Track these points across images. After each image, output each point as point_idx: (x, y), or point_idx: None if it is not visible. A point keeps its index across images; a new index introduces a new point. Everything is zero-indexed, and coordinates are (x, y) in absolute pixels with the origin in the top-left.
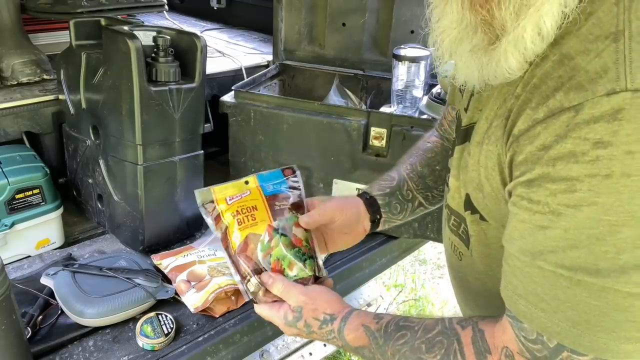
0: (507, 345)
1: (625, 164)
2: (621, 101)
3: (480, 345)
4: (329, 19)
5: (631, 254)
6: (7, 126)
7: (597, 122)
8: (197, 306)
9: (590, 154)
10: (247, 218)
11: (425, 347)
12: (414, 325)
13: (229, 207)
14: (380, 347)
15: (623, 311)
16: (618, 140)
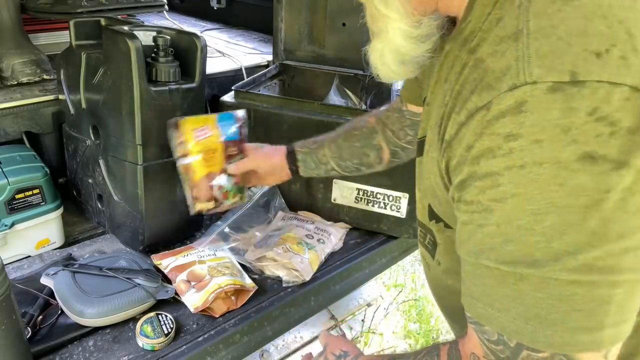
0: (473, 351)
1: (535, 153)
2: (522, 94)
3: (453, 354)
4: (329, 19)
5: (560, 241)
6: (7, 126)
7: (505, 116)
8: (197, 306)
9: (504, 147)
10: (210, 158)
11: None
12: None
13: (197, 145)
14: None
15: (567, 300)
16: (525, 131)
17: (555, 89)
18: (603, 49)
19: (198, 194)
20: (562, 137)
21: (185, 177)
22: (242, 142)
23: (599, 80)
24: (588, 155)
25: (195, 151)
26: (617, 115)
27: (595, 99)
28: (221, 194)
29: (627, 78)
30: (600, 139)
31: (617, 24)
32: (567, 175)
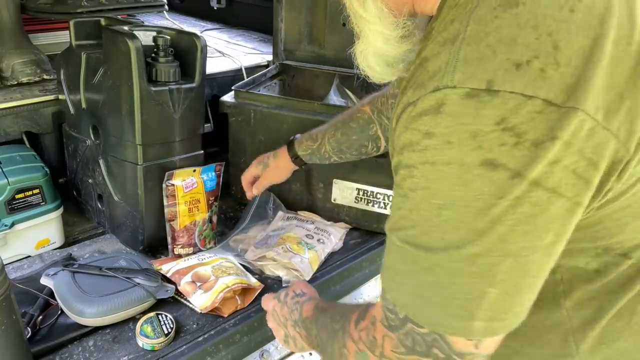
0: (374, 314)
1: (445, 153)
2: (443, 97)
3: (361, 314)
4: (329, 19)
5: (452, 235)
6: (7, 126)
7: (426, 115)
8: (205, 307)
9: (422, 143)
10: (194, 208)
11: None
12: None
13: (184, 195)
14: (316, 320)
15: (448, 288)
16: (439, 131)
17: (472, 95)
18: (524, 60)
19: (181, 240)
20: (469, 142)
21: (171, 223)
22: (217, 192)
23: (512, 91)
24: (490, 162)
25: (183, 201)
26: (523, 127)
27: (505, 109)
28: (200, 241)
29: (542, 91)
30: (503, 148)
31: (545, 35)
32: (469, 178)
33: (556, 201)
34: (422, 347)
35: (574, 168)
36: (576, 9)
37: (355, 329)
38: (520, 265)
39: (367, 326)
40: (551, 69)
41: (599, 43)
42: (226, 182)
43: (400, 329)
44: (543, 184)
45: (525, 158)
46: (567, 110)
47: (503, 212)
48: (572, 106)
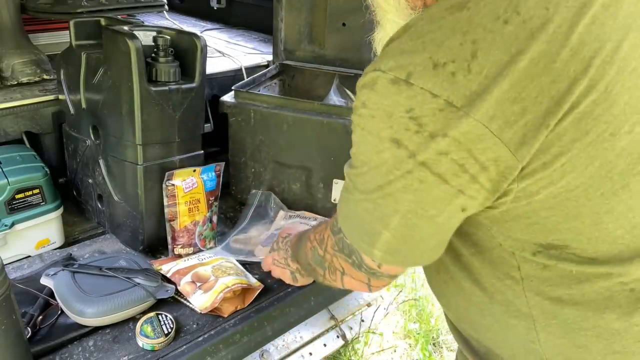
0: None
1: (369, 124)
2: (375, 77)
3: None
4: (329, 19)
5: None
6: (7, 126)
7: (365, 88)
8: (205, 307)
9: (359, 110)
10: (194, 208)
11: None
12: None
13: (184, 195)
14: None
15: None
16: (370, 105)
17: (394, 82)
18: (442, 61)
19: (181, 240)
20: (386, 120)
21: (171, 223)
22: (217, 192)
23: (423, 87)
24: (396, 140)
25: (183, 201)
26: (425, 120)
27: (415, 101)
28: (200, 241)
29: (446, 92)
30: (407, 132)
31: (469, 43)
32: (381, 148)
33: (440, 185)
34: (347, 251)
35: (461, 163)
36: (510, 21)
37: (313, 232)
38: (406, 223)
39: (321, 229)
40: (461, 75)
41: (517, 58)
42: (226, 182)
43: (337, 234)
44: (431, 167)
45: (421, 145)
46: (463, 114)
47: (398, 179)
48: (467, 112)
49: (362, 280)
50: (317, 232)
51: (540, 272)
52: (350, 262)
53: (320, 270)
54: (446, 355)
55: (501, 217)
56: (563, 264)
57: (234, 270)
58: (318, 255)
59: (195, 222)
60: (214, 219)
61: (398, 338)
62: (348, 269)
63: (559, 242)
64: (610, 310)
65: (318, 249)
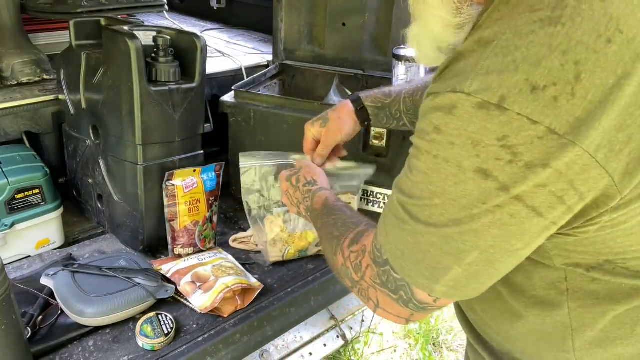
0: (366, 244)
1: (447, 152)
2: (457, 100)
3: (357, 237)
4: (329, 19)
5: (437, 218)
6: (7, 126)
7: (440, 111)
8: (205, 307)
9: (431, 135)
10: (194, 208)
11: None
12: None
13: (185, 196)
14: (323, 215)
15: (422, 253)
16: (447, 131)
17: (482, 106)
18: (542, 84)
19: (181, 240)
20: (469, 149)
21: (171, 223)
22: (217, 192)
23: (519, 113)
24: (483, 171)
25: (183, 201)
26: (521, 149)
27: (509, 128)
28: (200, 241)
29: (547, 119)
30: (498, 162)
31: (572, 63)
32: (462, 179)
33: (533, 218)
34: (393, 286)
35: (560, 195)
36: (614, 40)
37: (347, 248)
38: (486, 259)
39: (357, 251)
40: (564, 99)
41: (623, 82)
42: (226, 182)
43: (381, 266)
44: (525, 201)
45: (515, 176)
46: (566, 143)
47: (483, 214)
48: (572, 140)
49: (401, 315)
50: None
51: (588, 284)
52: (394, 298)
53: (348, 282)
54: (446, 355)
55: (572, 242)
56: (616, 278)
57: (234, 270)
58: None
59: (195, 222)
60: (214, 219)
61: (398, 338)
62: (387, 304)
63: (617, 259)
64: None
65: (352, 273)
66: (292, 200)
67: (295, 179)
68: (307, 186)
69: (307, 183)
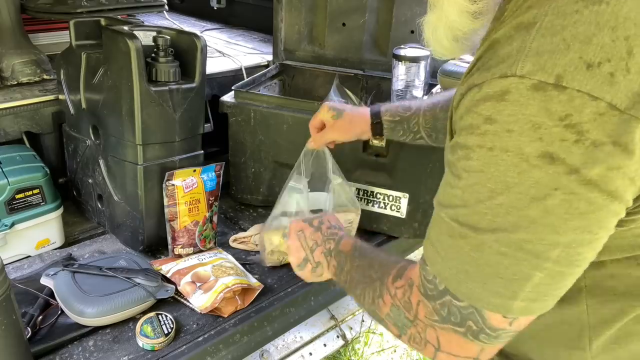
0: (412, 277)
1: (504, 141)
2: (509, 84)
3: (400, 271)
4: (329, 19)
5: (503, 219)
6: (7, 126)
7: (489, 100)
8: (205, 307)
9: (482, 128)
10: (194, 208)
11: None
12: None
13: (185, 196)
14: (353, 258)
15: (493, 266)
16: (501, 118)
17: (538, 87)
18: (596, 61)
19: (181, 240)
20: (530, 133)
21: (171, 223)
22: (217, 192)
23: (579, 90)
24: (549, 154)
25: (183, 201)
26: (586, 127)
27: (571, 106)
28: (200, 241)
29: (608, 95)
30: (564, 143)
31: (622, 39)
32: (526, 167)
33: (611, 203)
34: (457, 319)
35: (632, 176)
36: None
37: (392, 284)
38: (568, 255)
39: (403, 286)
40: (620, 75)
41: None
42: (226, 182)
43: (437, 299)
44: (601, 186)
45: (584, 156)
46: (629, 118)
47: (558, 204)
48: (634, 115)
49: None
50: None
51: (607, 280)
52: (461, 332)
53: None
54: None
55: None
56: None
57: (234, 270)
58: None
59: (195, 222)
60: (214, 219)
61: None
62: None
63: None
64: None
65: (404, 313)
66: (305, 242)
67: (318, 222)
68: (331, 229)
69: (332, 226)
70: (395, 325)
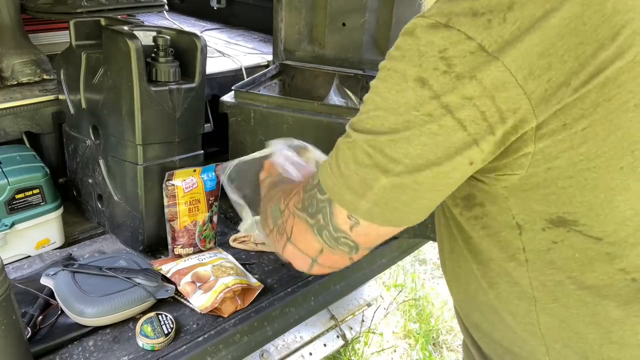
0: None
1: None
2: (418, 22)
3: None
4: (329, 19)
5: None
6: (7, 126)
7: (403, 35)
8: (205, 307)
9: (392, 53)
10: (194, 208)
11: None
12: None
13: (185, 196)
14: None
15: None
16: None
17: (434, 26)
18: (481, 11)
19: (181, 240)
20: (415, 59)
21: (171, 223)
22: (217, 192)
23: (459, 29)
24: (422, 79)
25: (183, 201)
26: (455, 61)
27: (449, 41)
28: (200, 241)
29: (480, 36)
30: (435, 72)
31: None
32: (404, 87)
33: (458, 131)
34: (313, 210)
35: (483, 110)
36: None
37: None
38: (412, 169)
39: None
40: (496, 22)
41: (549, 15)
42: None
43: (308, 191)
44: (453, 112)
45: (447, 85)
46: (492, 59)
47: (415, 122)
48: (496, 57)
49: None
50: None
51: (544, 254)
52: (310, 223)
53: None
54: (446, 355)
55: (519, 185)
56: (569, 241)
57: (234, 270)
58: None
59: (195, 222)
60: (214, 219)
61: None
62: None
63: (569, 217)
64: (610, 298)
65: (281, 202)
66: None
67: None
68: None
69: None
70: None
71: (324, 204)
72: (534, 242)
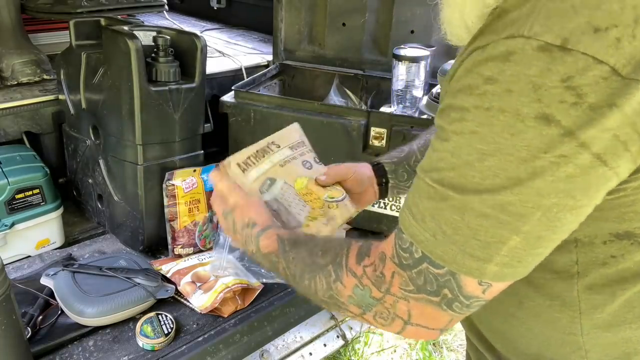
0: (384, 250)
1: (503, 101)
2: (515, 45)
3: (363, 250)
4: (329, 19)
5: (491, 180)
6: (7, 126)
7: (493, 60)
8: (205, 307)
9: (481, 88)
10: (194, 208)
11: (321, 252)
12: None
13: (185, 196)
14: (285, 253)
15: (472, 228)
16: (503, 79)
17: (544, 49)
18: (604, 26)
19: (181, 240)
20: (530, 93)
21: (171, 223)
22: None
23: (584, 52)
24: (545, 116)
25: (183, 201)
26: (585, 89)
27: (573, 68)
28: (200, 241)
29: (612, 59)
30: (562, 105)
31: (630, 7)
32: (521, 129)
33: (599, 168)
34: (433, 287)
35: (624, 140)
36: None
37: (357, 264)
38: (548, 220)
39: (373, 263)
40: (626, 41)
41: None
42: None
43: (413, 267)
44: (591, 147)
45: (580, 119)
46: (629, 82)
47: (546, 167)
48: (635, 79)
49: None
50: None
51: (599, 267)
52: (435, 301)
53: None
54: (446, 355)
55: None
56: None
57: (234, 270)
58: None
59: (195, 222)
60: (214, 219)
61: (398, 338)
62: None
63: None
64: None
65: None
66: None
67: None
68: (245, 230)
69: (246, 226)
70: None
71: (446, 277)
72: (590, 255)
